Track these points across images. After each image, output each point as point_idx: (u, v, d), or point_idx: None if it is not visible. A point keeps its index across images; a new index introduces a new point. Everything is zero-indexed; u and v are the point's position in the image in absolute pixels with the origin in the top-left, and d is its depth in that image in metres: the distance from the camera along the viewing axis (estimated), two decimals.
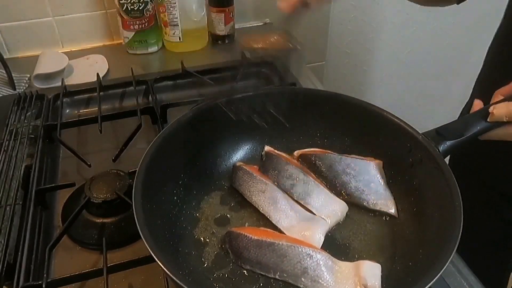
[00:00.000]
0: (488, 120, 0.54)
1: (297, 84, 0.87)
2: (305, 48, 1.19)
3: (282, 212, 0.57)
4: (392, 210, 0.58)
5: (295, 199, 0.59)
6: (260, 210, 0.58)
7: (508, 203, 0.80)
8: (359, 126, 0.64)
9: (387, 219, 0.58)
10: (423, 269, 0.46)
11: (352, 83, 1.37)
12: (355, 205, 0.60)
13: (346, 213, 0.59)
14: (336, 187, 0.61)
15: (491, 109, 0.53)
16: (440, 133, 0.56)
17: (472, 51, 1.45)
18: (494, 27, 0.86)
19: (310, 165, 0.64)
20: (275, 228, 0.56)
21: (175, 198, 0.58)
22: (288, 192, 0.59)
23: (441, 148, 0.55)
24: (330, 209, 0.58)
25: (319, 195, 0.59)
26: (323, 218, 0.57)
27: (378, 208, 0.59)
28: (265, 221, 0.58)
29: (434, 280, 0.42)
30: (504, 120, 0.52)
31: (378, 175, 0.61)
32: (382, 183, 0.60)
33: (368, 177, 0.60)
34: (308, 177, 0.60)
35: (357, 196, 0.60)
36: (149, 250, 0.43)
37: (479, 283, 0.56)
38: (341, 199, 0.60)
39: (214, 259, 0.54)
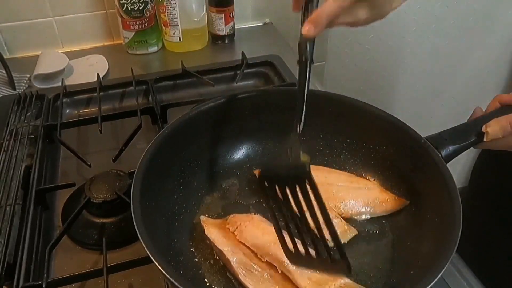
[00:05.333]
0: (485, 140, 0.55)
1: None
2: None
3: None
4: None
5: None
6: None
7: None
8: (361, 128, 0.64)
9: (388, 222, 0.58)
10: (423, 270, 0.46)
11: (352, 83, 1.37)
12: None
13: None
14: None
15: (484, 128, 0.55)
16: (443, 138, 0.56)
17: (473, 52, 1.45)
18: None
19: None
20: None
21: (175, 197, 0.58)
22: None
23: (443, 152, 0.55)
24: None
25: None
26: None
27: None
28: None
29: (434, 281, 0.42)
30: (500, 136, 0.54)
31: None
32: None
33: None
34: None
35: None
36: (146, 249, 0.43)
37: (479, 283, 0.56)
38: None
39: (213, 259, 0.54)
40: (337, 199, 0.60)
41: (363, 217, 0.59)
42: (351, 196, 0.60)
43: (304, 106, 0.50)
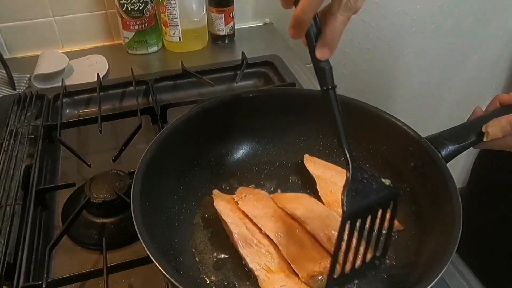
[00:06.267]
0: (485, 140, 0.55)
1: (297, 84, 0.87)
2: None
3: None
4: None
5: None
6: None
7: None
8: (361, 129, 0.63)
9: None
10: (423, 270, 0.46)
11: (352, 83, 1.37)
12: None
13: None
14: None
15: (483, 128, 0.55)
16: (444, 137, 0.56)
17: (472, 52, 1.45)
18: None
19: None
20: None
21: (175, 197, 0.58)
22: None
23: (443, 152, 0.55)
24: None
25: None
26: None
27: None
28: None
29: (435, 281, 0.42)
30: (500, 136, 0.54)
31: None
32: None
33: None
34: None
35: None
36: (146, 249, 0.43)
37: (479, 283, 0.56)
38: None
39: (213, 259, 0.54)
40: (332, 198, 0.60)
41: None
42: None
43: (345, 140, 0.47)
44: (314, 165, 0.64)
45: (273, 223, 0.55)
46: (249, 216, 0.56)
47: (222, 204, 0.58)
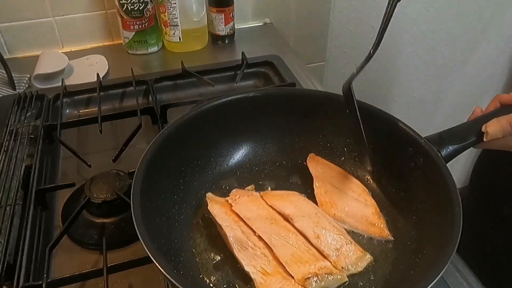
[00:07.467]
0: (484, 140, 0.55)
1: (297, 84, 0.87)
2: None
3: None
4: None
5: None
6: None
7: None
8: None
9: (388, 222, 0.58)
10: (423, 270, 0.47)
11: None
12: None
13: None
14: None
15: (483, 128, 0.55)
16: (443, 138, 0.56)
17: (472, 52, 1.45)
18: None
19: None
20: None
21: (175, 197, 0.58)
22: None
23: (443, 152, 0.55)
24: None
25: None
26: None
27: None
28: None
29: (435, 281, 0.42)
30: (500, 136, 0.54)
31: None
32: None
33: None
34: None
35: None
36: (146, 249, 0.43)
37: (479, 283, 0.56)
38: None
39: (214, 259, 0.54)
40: (326, 199, 0.60)
41: (344, 226, 0.57)
42: (341, 202, 0.60)
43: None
44: (316, 165, 0.64)
45: (267, 225, 0.55)
46: (242, 218, 0.56)
47: (216, 207, 0.57)
